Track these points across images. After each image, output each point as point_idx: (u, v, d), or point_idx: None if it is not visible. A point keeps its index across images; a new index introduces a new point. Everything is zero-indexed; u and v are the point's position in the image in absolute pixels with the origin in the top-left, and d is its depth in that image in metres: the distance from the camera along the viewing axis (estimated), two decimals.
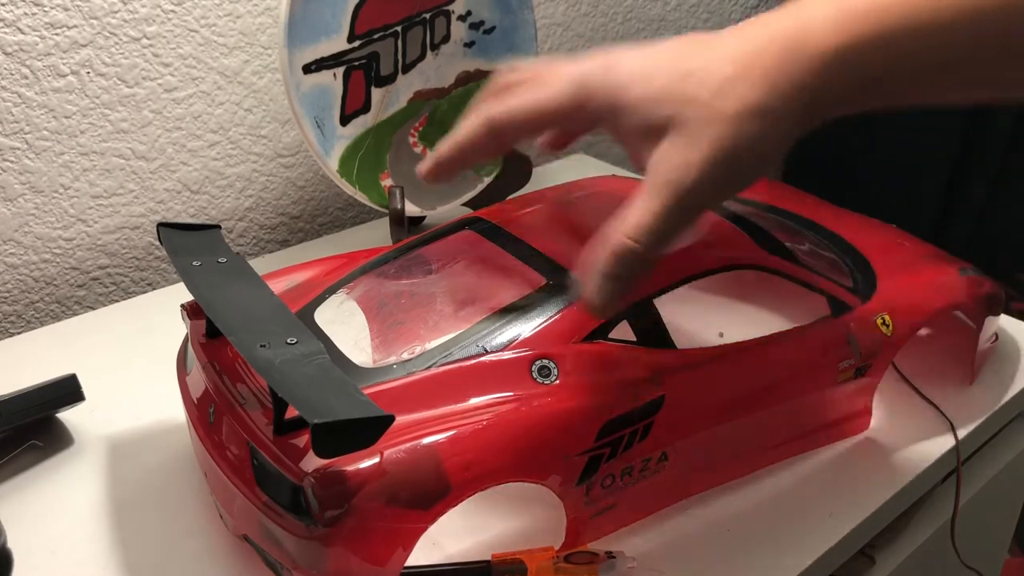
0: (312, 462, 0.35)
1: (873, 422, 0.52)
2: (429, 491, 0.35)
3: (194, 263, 0.43)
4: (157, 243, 0.72)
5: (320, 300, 0.46)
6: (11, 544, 0.42)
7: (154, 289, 0.72)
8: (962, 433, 0.52)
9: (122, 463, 0.50)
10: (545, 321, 0.41)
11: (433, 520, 0.36)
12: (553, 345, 0.41)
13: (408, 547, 0.36)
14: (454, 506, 0.36)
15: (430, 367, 0.39)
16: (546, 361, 0.40)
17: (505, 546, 0.42)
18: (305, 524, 0.35)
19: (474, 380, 0.39)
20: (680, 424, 0.42)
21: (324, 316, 0.45)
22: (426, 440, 0.36)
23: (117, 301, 0.70)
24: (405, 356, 0.41)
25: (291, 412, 0.36)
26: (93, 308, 0.71)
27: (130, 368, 0.58)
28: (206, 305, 0.39)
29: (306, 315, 0.45)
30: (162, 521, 0.46)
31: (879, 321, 0.49)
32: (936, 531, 0.54)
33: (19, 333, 0.66)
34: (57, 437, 0.52)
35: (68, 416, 0.53)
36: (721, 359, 0.44)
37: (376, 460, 0.35)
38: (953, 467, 0.52)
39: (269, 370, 0.34)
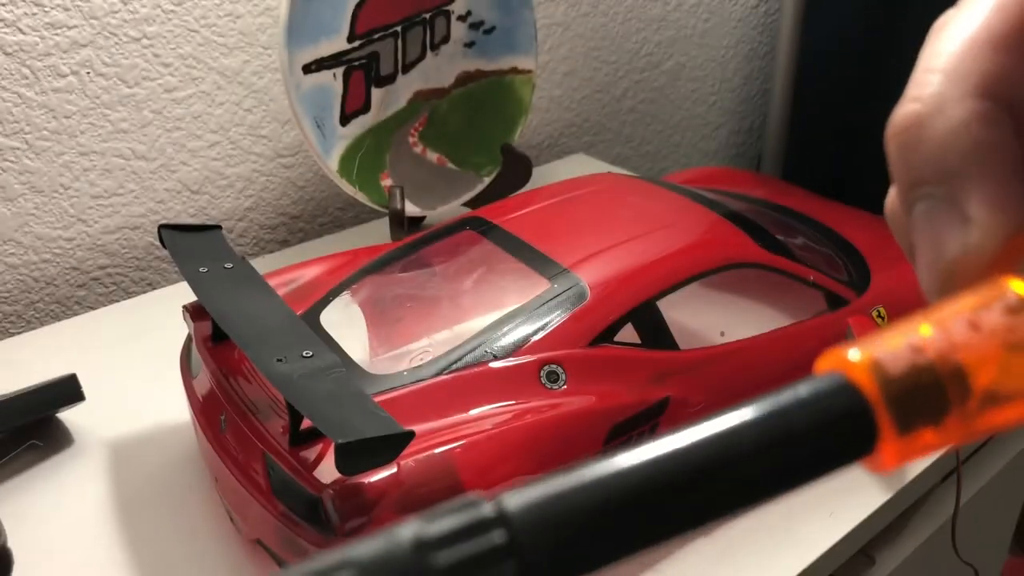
0: (329, 473, 0.35)
1: None
2: (446, 500, 0.35)
3: (201, 269, 0.43)
4: (157, 243, 0.72)
5: (325, 302, 0.46)
6: (11, 544, 0.42)
7: (154, 289, 0.72)
8: None
9: (123, 463, 0.50)
10: (551, 325, 0.41)
11: None
12: (560, 350, 0.41)
13: None
14: None
15: (440, 374, 0.39)
16: (554, 367, 0.40)
17: None
18: (324, 535, 0.35)
19: (484, 387, 0.39)
20: (684, 423, 0.43)
21: (330, 319, 0.45)
22: (441, 450, 0.36)
23: (117, 301, 0.70)
24: (415, 363, 0.41)
25: (305, 422, 0.37)
26: (93, 308, 0.71)
27: (130, 368, 0.58)
28: (218, 316, 0.39)
29: (312, 318, 0.45)
30: (164, 521, 0.46)
31: (875, 314, 0.49)
32: (936, 531, 0.54)
33: (19, 333, 0.65)
34: (57, 437, 0.52)
35: (68, 416, 0.53)
36: (723, 358, 0.44)
37: (393, 471, 0.35)
38: (953, 467, 0.52)
39: (288, 386, 0.35)
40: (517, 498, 0.11)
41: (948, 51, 0.15)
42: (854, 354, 0.13)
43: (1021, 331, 0.12)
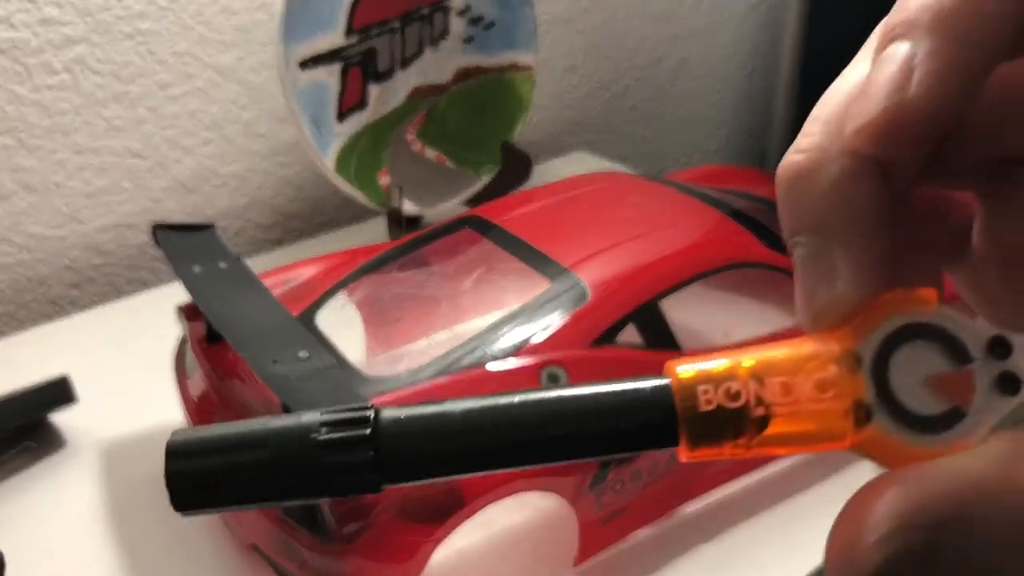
0: None
1: None
2: (443, 504, 0.35)
3: (195, 269, 0.42)
4: (151, 242, 0.72)
5: (321, 302, 0.45)
6: (3, 547, 0.41)
7: (149, 288, 0.72)
8: None
9: (116, 465, 0.50)
10: (552, 326, 0.40)
11: (448, 532, 0.35)
12: (561, 351, 0.40)
13: (424, 560, 0.35)
14: (468, 518, 0.35)
15: (438, 376, 0.39)
16: (555, 368, 0.39)
17: (513, 544, 0.41)
18: (321, 539, 0.35)
19: (483, 389, 0.38)
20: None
21: (326, 320, 0.44)
22: None
23: (111, 301, 0.69)
24: (413, 364, 0.40)
25: None
26: (87, 308, 0.70)
27: (124, 369, 0.57)
28: (213, 317, 0.39)
29: (308, 318, 0.44)
30: (159, 525, 0.45)
31: None
32: None
33: (12, 333, 0.65)
34: (49, 439, 0.51)
35: (61, 418, 0.53)
36: None
37: None
38: None
39: (284, 388, 0.34)
40: (390, 412, 0.15)
41: (831, 100, 0.16)
42: (683, 371, 0.16)
43: (823, 404, 0.15)
